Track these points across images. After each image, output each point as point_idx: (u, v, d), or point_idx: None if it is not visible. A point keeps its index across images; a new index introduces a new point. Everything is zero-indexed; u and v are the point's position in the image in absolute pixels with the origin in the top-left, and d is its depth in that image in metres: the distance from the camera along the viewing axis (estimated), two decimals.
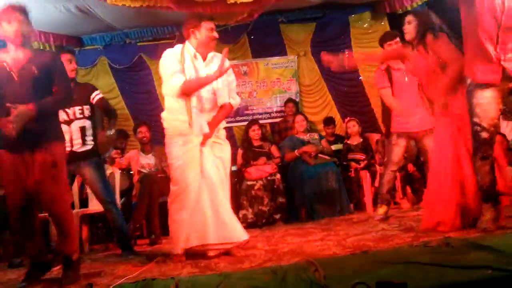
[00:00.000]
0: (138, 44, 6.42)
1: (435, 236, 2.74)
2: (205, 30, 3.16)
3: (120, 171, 4.66)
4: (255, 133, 5.16)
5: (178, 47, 3.25)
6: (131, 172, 5.01)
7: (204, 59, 3.22)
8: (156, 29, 6.30)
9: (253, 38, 6.48)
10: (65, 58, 3.55)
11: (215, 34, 3.19)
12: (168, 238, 3.49)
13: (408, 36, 3.29)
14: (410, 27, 3.26)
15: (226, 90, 3.24)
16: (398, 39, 3.94)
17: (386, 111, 4.05)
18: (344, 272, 2.16)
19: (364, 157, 5.13)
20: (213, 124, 3.17)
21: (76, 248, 2.73)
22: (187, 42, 3.26)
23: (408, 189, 5.01)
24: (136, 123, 5.57)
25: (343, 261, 2.47)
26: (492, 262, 1.89)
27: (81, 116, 3.58)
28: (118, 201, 4.25)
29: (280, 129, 5.99)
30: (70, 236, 2.68)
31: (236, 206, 4.83)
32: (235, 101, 3.30)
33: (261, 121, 5.92)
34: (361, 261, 2.37)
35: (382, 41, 4.08)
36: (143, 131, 5.01)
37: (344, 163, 5.18)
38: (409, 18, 3.29)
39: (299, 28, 6.49)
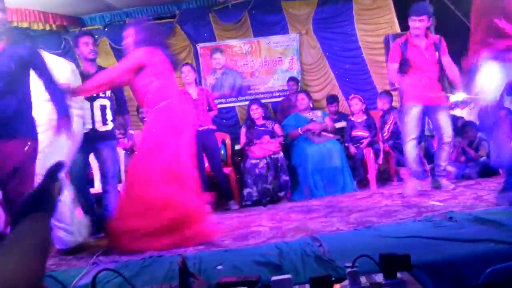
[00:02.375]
0: None
1: None
2: None
3: (124, 151, 4.68)
4: (254, 112, 5.15)
5: None
6: (135, 152, 5.02)
7: None
8: (156, 8, 6.23)
9: (254, 16, 6.40)
10: (82, 41, 3.61)
11: None
12: None
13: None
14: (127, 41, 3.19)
15: None
16: (424, 17, 3.73)
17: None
18: (347, 247, 2.19)
19: (367, 134, 5.13)
20: None
21: None
22: None
23: None
24: None
25: (346, 237, 2.50)
26: (495, 236, 1.91)
27: (103, 95, 3.62)
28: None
29: (283, 107, 5.97)
30: None
31: (241, 184, 4.89)
32: None
33: (263, 101, 5.90)
34: (364, 236, 2.41)
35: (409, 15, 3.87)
36: (145, 111, 5.01)
37: (346, 144, 5.18)
38: (127, 31, 3.18)
39: (301, 5, 6.40)
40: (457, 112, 5.33)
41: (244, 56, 6.48)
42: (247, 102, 5.78)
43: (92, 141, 3.58)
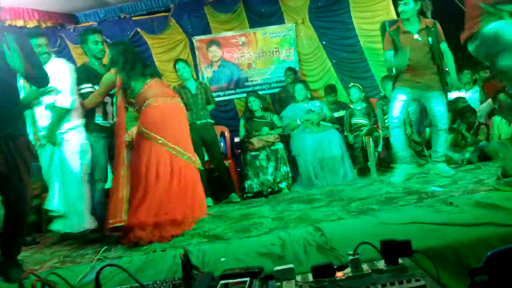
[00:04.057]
0: (133, 18, 6.32)
1: None
2: None
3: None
4: (252, 104, 5.14)
5: None
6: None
7: None
8: (150, 2, 6.19)
9: (250, 6, 6.35)
10: (92, 39, 3.57)
11: None
12: None
13: None
14: None
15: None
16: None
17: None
18: (349, 235, 2.20)
19: (367, 122, 5.13)
20: None
21: (20, 247, 2.54)
22: None
23: None
24: None
25: (348, 225, 2.52)
26: (495, 219, 1.92)
27: None
28: None
29: (280, 98, 5.96)
30: (22, 236, 2.55)
31: (241, 177, 4.90)
32: (62, 102, 3.27)
33: (261, 92, 5.88)
34: (365, 224, 2.42)
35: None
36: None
37: (346, 134, 5.18)
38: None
39: None
40: (462, 92, 5.28)
41: (240, 48, 6.44)
42: (245, 94, 5.77)
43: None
